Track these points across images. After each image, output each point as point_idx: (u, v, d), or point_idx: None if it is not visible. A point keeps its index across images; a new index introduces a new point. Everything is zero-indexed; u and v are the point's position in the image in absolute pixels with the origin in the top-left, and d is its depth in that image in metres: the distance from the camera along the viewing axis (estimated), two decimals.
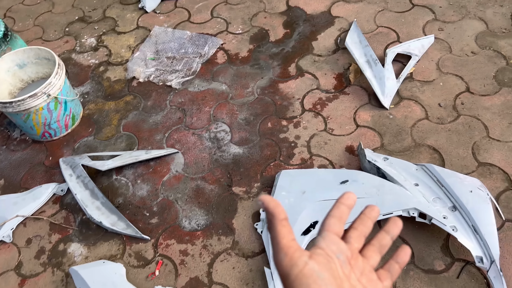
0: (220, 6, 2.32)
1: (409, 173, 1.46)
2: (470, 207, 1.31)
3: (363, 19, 2.10)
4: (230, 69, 2.02)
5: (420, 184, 1.42)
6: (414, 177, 1.44)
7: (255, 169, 1.67)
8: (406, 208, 1.34)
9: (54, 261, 1.53)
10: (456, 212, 1.32)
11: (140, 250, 1.52)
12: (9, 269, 1.54)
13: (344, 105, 1.80)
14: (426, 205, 1.34)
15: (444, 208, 1.34)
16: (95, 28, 2.33)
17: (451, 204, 1.34)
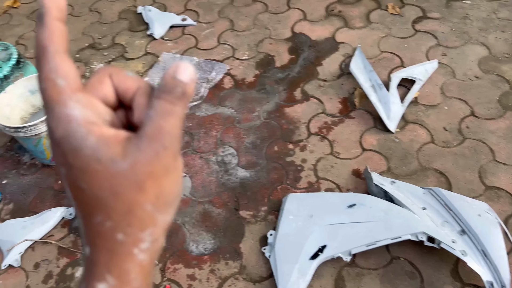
0: (227, 33, 2.37)
1: (416, 196, 1.46)
2: (479, 231, 1.30)
3: (367, 44, 2.14)
4: (236, 94, 2.06)
5: (427, 208, 1.42)
6: (421, 201, 1.44)
7: (262, 192, 1.68)
8: (414, 232, 1.34)
9: (62, 285, 1.53)
10: (465, 236, 1.32)
11: None
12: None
13: (350, 129, 1.82)
14: (434, 229, 1.34)
15: (453, 232, 1.33)
16: (104, 54, 2.39)
17: (460, 228, 1.34)
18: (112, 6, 2.71)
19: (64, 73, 0.27)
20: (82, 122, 0.27)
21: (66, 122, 0.26)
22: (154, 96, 0.28)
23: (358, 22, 2.27)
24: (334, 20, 2.31)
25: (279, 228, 1.49)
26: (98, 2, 2.76)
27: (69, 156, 0.27)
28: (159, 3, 2.65)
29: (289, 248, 1.43)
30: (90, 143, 0.26)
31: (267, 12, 2.44)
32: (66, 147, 0.27)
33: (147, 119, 0.27)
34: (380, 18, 2.27)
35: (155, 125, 0.27)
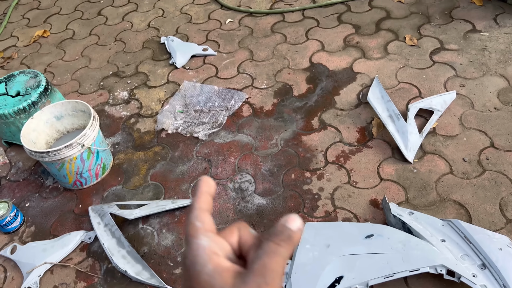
0: (246, 62, 2.43)
1: (435, 228, 1.44)
2: (500, 265, 1.27)
3: (385, 75, 2.17)
4: (254, 121, 2.09)
5: (447, 240, 1.39)
6: (440, 233, 1.42)
7: (279, 220, 1.67)
8: (433, 264, 1.32)
9: None
10: (486, 270, 1.29)
11: None
12: None
13: (368, 158, 1.82)
14: (454, 262, 1.31)
15: (473, 266, 1.30)
16: (127, 82, 2.47)
17: (480, 262, 1.31)
18: (137, 36, 2.82)
19: (202, 219, 0.35)
20: (207, 250, 0.33)
21: (195, 250, 0.33)
22: (264, 238, 0.33)
23: (375, 53, 2.30)
24: (352, 51, 2.35)
25: (296, 257, 1.48)
26: (123, 32, 2.88)
27: (192, 280, 0.32)
28: (181, 33, 2.75)
29: (305, 278, 1.41)
30: (208, 270, 0.32)
31: (286, 43, 2.50)
32: (191, 272, 0.33)
33: (255, 258, 0.32)
34: (397, 49, 2.30)
35: (262, 262, 0.32)
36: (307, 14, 2.69)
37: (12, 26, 3.21)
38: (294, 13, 2.71)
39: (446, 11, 2.48)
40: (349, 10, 2.64)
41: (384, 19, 2.52)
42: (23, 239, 1.81)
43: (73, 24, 3.09)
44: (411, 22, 2.45)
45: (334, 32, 2.50)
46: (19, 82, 2.12)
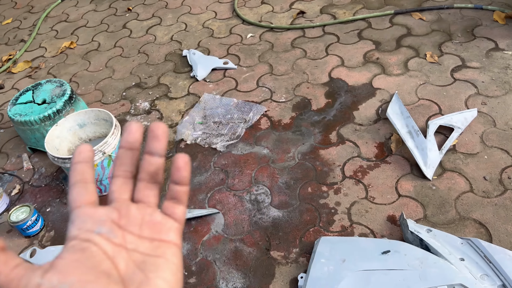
0: (266, 76, 2.46)
1: (454, 246, 1.41)
2: None
3: (405, 91, 2.16)
4: (272, 134, 2.10)
5: (466, 259, 1.36)
6: (459, 251, 1.39)
7: (294, 234, 1.67)
8: (451, 283, 1.29)
9: None
10: None
11: None
12: None
13: (386, 174, 1.80)
14: (473, 281, 1.28)
15: (493, 286, 1.27)
16: (149, 93, 2.53)
17: (500, 283, 1.27)
18: (159, 49, 2.88)
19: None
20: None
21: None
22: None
23: (396, 69, 2.30)
24: (372, 67, 2.35)
25: (311, 271, 1.46)
26: (146, 45, 2.95)
27: None
28: (203, 47, 2.80)
29: None
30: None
31: (305, 58, 2.52)
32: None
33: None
34: (418, 66, 2.29)
35: None
36: (328, 30, 2.71)
37: (41, 38, 3.33)
38: (314, 29, 2.74)
39: (468, 29, 2.47)
40: (370, 27, 2.65)
41: (405, 36, 2.52)
42: (42, 243, 1.84)
43: (99, 36, 3.18)
44: (432, 40, 2.44)
45: (354, 48, 2.51)
46: (45, 90, 2.20)
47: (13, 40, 3.39)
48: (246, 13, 3.04)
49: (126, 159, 0.36)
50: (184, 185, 0.35)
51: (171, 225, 0.34)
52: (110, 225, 0.32)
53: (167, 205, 0.35)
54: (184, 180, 0.35)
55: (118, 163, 0.36)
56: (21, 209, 1.84)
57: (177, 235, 0.34)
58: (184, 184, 0.35)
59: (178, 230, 0.34)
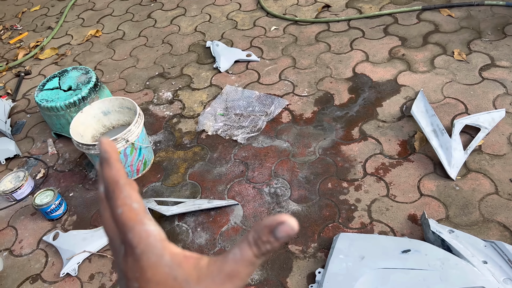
0: (288, 70, 2.45)
1: (476, 249, 1.39)
2: None
3: (430, 89, 2.12)
4: (293, 128, 2.09)
5: (489, 262, 1.34)
6: (482, 254, 1.37)
7: (313, 228, 1.67)
8: (473, 286, 1.27)
9: None
10: None
11: None
12: None
13: (408, 172, 1.78)
14: (495, 285, 1.26)
15: None
16: (172, 83, 2.54)
17: None
18: (183, 39, 2.90)
19: (137, 199, 0.31)
20: (158, 237, 0.30)
21: (146, 238, 0.29)
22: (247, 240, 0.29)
23: (421, 66, 2.26)
24: (397, 63, 2.31)
25: (328, 266, 1.46)
26: (170, 35, 2.97)
27: (148, 271, 0.29)
28: (226, 38, 2.80)
29: None
30: (166, 261, 0.29)
31: (329, 52, 2.49)
32: (146, 263, 0.29)
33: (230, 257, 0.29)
34: (445, 63, 2.24)
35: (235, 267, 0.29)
36: (353, 24, 2.67)
37: (68, 25, 3.39)
38: (339, 23, 2.71)
39: (499, 27, 2.40)
40: (396, 22, 2.61)
41: (432, 33, 2.47)
42: (65, 227, 1.89)
43: (124, 25, 3.21)
44: (461, 37, 2.39)
45: (380, 43, 2.47)
46: (71, 77, 2.23)
47: (41, 27, 3.46)
48: (270, 6, 3.02)
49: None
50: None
51: None
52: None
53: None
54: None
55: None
56: (45, 193, 1.88)
57: None
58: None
59: None
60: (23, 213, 1.98)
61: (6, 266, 1.78)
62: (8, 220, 1.97)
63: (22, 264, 1.78)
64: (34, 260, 1.78)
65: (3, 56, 3.19)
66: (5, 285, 1.71)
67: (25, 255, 1.81)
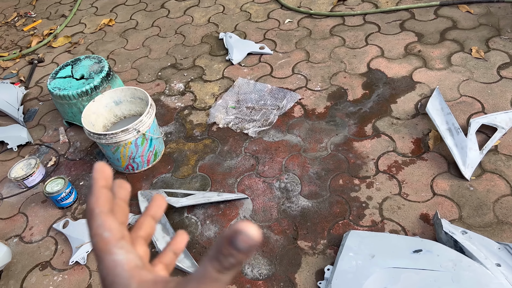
0: (302, 63, 2.42)
1: (490, 251, 1.36)
2: None
3: (446, 86, 2.08)
4: (305, 123, 2.07)
5: (502, 264, 1.31)
6: (496, 256, 1.34)
7: (323, 225, 1.65)
8: None
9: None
10: None
11: None
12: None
13: (421, 171, 1.75)
14: None
15: None
16: (184, 74, 2.53)
17: None
18: (196, 30, 2.88)
19: (109, 227, 0.31)
20: (126, 266, 0.30)
21: (113, 268, 0.30)
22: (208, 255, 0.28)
23: (438, 63, 2.22)
24: (413, 59, 2.27)
25: (338, 264, 1.45)
26: (183, 26, 2.95)
27: None
28: (240, 30, 2.78)
29: (347, 286, 1.38)
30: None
31: (344, 47, 2.46)
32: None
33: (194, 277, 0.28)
34: (462, 61, 2.20)
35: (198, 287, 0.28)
36: (368, 19, 2.63)
37: (81, 14, 3.38)
38: (354, 17, 2.67)
39: None
40: (413, 18, 2.56)
41: (449, 29, 2.42)
42: (75, 215, 1.89)
43: (137, 15, 3.20)
44: (479, 34, 2.33)
45: (396, 39, 2.43)
46: (84, 66, 2.23)
47: (55, 14, 3.46)
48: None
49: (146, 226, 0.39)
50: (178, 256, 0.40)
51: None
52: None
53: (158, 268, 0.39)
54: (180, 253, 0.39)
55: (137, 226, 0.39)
56: (56, 181, 1.89)
57: None
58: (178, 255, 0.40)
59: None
60: (34, 200, 2.00)
61: (16, 252, 1.79)
62: (19, 206, 1.98)
63: (32, 251, 1.79)
64: (44, 247, 1.80)
65: (17, 43, 3.20)
66: (15, 271, 1.73)
67: (35, 242, 1.82)
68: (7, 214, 1.96)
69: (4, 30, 3.42)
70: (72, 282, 1.65)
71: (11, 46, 3.19)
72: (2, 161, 2.24)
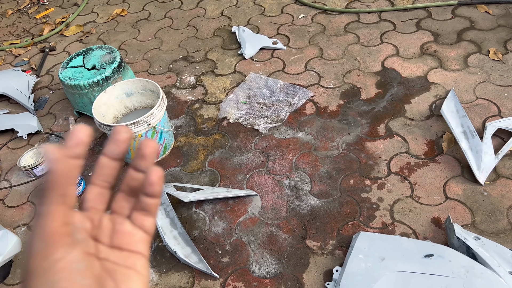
0: (315, 60, 2.39)
1: (503, 258, 1.33)
2: None
3: (462, 88, 2.04)
4: (317, 121, 2.05)
5: None
6: (509, 264, 1.31)
7: (332, 225, 1.63)
8: None
9: None
10: None
11: (208, 287, 1.52)
12: None
13: (434, 173, 1.72)
14: None
15: None
16: (196, 68, 2.51)
17: None
18: (209, 23, 2.85)
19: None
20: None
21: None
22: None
23: (454, 64, 2.17)
24: (428, 59, 2.23)
25: (347, 265, 1.43)
26: (196, 18, 2.92)
27: None
28: (253, 24, 2.75)
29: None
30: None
31: (358, 44, 2.42)
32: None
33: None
34: (479, 62, 2.15)
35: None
36: (384, 16, 2.59)
37: (94, 3, 3.37)
38: (370, 14, 2.62)
39: None
40: (430, 17, 2.51)
41: (467, 29, 2.37)
42: None
43: (150, 5, 3.18)
44: (498, 35, 2.28)
45: (411, 37, 2.39)
46: (95, 56, 2.22)
47: (67, 3, 3.45)
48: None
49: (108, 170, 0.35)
50: (156, 198, 0.35)
51: (140, 236, 0.34)
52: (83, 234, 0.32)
53: (137, 216, 0.35)
54: (156, 194, 0.34)
55: (98, 171, 0.35)
56: None
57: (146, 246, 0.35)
58: (156, 197, 0.35)
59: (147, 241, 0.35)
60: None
61: (24, 241, 1.79)
62: (27, 195, 1.99)
63: None
64: None
65: (29, 31, 3.20)
66: (22, 260, 1.73)
67: None
68: (16, 202, 1.97)
69: (16, 17, 3.42)
70: None
71: (23, 33, 3.19)
72: (12, 149, 2.24)
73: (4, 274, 1.67)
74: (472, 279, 1.27)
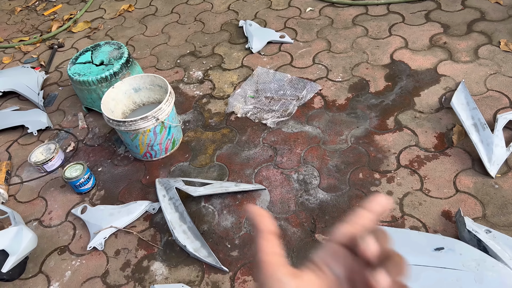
0: (323, 53, 2.37)
1: None
2: None
3: (472, 80, 2.01)
4: (325, 114, 2.04)
5: None
6: None
7: (341, 219, 1.63)
8: None
9: (137, 276, 1.60)
10: None
11: (218, 281, 1.53)
12: (96, 276, 1.63)
13: (444, 166, 1.70)
14: None
15: None
16: (203, 62, 2.51)
17: None
18: (216, 17, 2.84)
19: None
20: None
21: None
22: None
23: (464, 55, 2.15)
24: (438, 51, 2.21)
25: None
26: (203, 13, 2.92)
27: None
28: (260, 18, 2.73)
29: None
30: None
31: (366, 37, 2.40)
32: None
33: None
34: (489, 54, 2.12)
35: None
36: (392, 8, 2.56)
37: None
38: (378, 6, 2.60)
39: None
40: (439, 8, 2.48)
41: (477, 21, 2.33)
42: (93, 201, 1.91)
43: (157, 1, 3.18)
44: (509, 26, 2.25)
45: (420, 29, 2.36)
46: (103, 52, 2.23)
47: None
48: None
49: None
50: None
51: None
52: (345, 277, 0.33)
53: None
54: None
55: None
56: (75, 167, 1.90)
57: None
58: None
59: None
60: (53, 185, 2.02)
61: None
62: (38, 190, 2.01)
63: (51, 235, 1.81)
64: (63, 232, 1.82)
65: (38, 28, 3.22)
66: (34, 254, 1.75)
67: (54, 226, 1.84)
68: (27, 197, 1.99)
69: (25, 14, 3.44)
70: (90, 267, 1.67)
71: (32, 30, 3.21)
72: (22, 145, 2.27)
73: (20, 271, 1.69)
74: (483, 272, 1.26)
